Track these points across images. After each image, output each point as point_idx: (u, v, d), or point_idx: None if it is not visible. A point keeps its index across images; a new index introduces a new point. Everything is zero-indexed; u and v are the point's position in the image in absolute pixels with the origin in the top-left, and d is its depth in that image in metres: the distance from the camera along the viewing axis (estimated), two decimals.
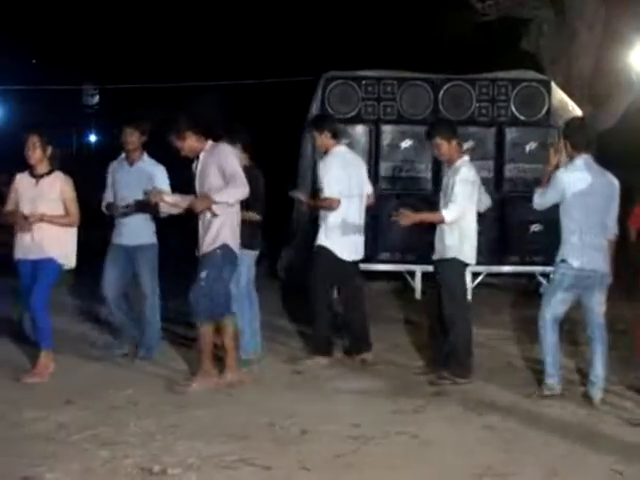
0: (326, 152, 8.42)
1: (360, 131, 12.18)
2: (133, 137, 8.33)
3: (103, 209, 8.53)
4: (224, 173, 7.31)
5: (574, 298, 7.29)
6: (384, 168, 12.11)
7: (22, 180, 7.82)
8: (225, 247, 7.42)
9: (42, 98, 27.97)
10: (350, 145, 11.99)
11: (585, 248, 7.14)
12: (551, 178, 7.21)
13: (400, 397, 7.36)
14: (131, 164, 8.38)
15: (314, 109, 12.35)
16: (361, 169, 8.52)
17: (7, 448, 6.01)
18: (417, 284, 11.85)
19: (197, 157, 7.53)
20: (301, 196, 9.08)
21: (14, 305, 8.94)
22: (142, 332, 8.47)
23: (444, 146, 7.86)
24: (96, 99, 34.52)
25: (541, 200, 7.26)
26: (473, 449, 6.17)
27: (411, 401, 7.24)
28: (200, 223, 7.52)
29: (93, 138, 39.06)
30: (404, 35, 20.90)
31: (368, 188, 8.54)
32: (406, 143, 12.12)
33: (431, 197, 10.58)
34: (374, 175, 11.64)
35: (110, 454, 5.93)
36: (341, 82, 12.39)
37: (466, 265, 7.92)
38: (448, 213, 7.70)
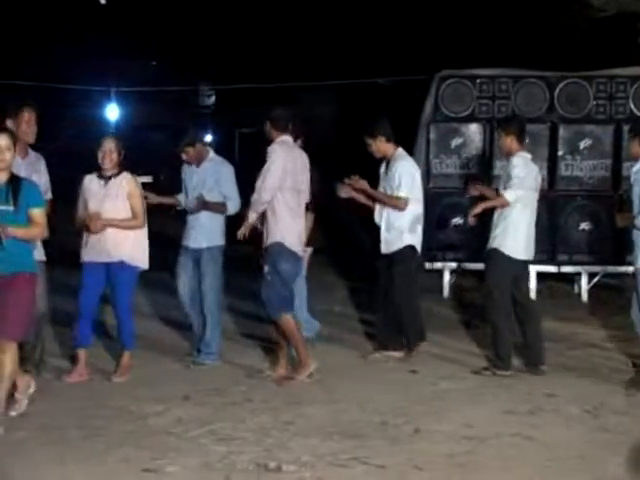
0: (384, 157, 8.51)
1: (474, 130, 12.11)
2: (189, 154, 8.37)
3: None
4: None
5: None
6: (499, 167, 11.99)
7: (91, 182, 7.80)
8: (280, 244, 7.66)
9: (160, 99, 28.54)
10: (464, 144, 12.06)
11: None
12: None
13: (512, 398, 7.32)
14: (197, 164, 8.41)
15: (427, 108, 12.34)
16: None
17: (129, 441, 6.19)
18: (532, 284, 11.69)
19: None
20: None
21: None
22: (204, 332, 8.37)
23: (502, 139, 8.11)
24: (212, 99, 35.02)
25: None
26: (589, 452, 6.09)
27: (524, 402, 7.19)
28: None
29: (209, 138, 39.66)
30: (519, 32, 20.64)
31: None
32: None
33: (548, 196, 10.47)
34: (488, 174, 11.57)
35: (227, 449, 6.06)
36: (455, 81, 12.33)
37: (511, 258, 7.91)
38: (508, 194, 7.86)
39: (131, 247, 7.71)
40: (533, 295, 11.39)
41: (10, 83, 23.29)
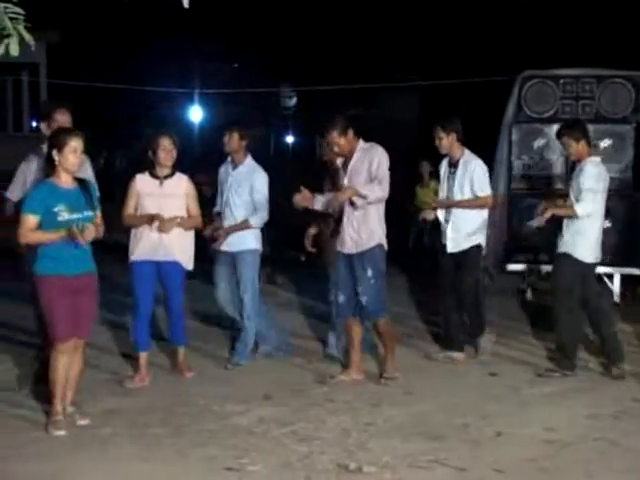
0: (449, 155, 8.48)
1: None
2: (233, 140, 8.25)
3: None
4: (373, 173, 7.51)
5: None
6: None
7: (143, 181, 7.69)
8: (381, 245, 7.64)
9: (242, 100, 28.79)
10: (546, 145, 11.94)
11: None
12: None
13: (595, 401, 7.24)
14: (234, 167, 8.33)
15: (510, 109, 12.24)
16: None
17: (212, 439, 6.28)
18: (615, 287, 11.55)
19: (347, 156, 7.68)
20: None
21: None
22: (238, 336, 8.38)
23: (572, 146, 7.99)
24: (294, 101, 35.22)
25: None
26: None
27: (608, 406, 7.10)
28: (345, 220, 7.65)
29: (290, 139, 39.85)
30: (603, 32, 20.38)
31: None
32: (605, 142, 11.82)
33: (633, 197, 10.32)
34: (569, 175, 11.44)
35: (307, 449, 6.11)
36: (538, 81, 12.22)
37: (580, 262, 7.89)
38: (581, 208, 7.79)
39: (184, 247, 7.70)
40: (616, 298, 11.27)
41: (94, 85, 23.74)
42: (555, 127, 11.89)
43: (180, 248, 7.67)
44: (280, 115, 35.78)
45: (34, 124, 27.19)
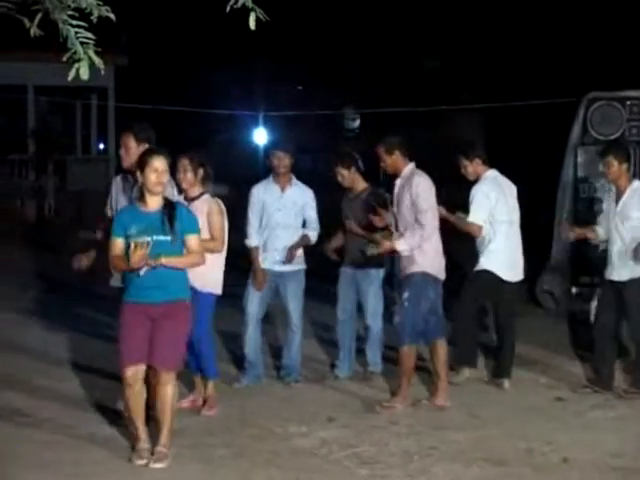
0: (477, 179, 8.35)
1: None
2: (284, 161, 8.16)
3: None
4: (414, 203, 7.56)
5: None
6: None
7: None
8: (424, 273, 7.57)
9: (306, 122, 28.93)
10: None
11: None
12: None
13: None
14: (282, 189, 8.24)
15: (575, 131, 12.15)
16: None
17: (274, 461, 6.27)
18: None
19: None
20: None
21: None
22: (287, 357, 8.37)
23: (614, 167, 7.98)
24: (357, 123, 35.29)
25: None
26: None
27: None
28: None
29: None
30: None
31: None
32: None
33: None
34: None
35: (370, 472, 6.09)
36: (604, 103, 12.11)
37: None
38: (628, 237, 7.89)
39: (203, 272, 6.91)
40: None
41: (161, 108, 24.05)
42: None
43: (206, 273, 7.03)
44: (343, 137, 35.86)
45: (101, 146, 27.66)
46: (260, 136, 33.38)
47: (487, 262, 8.22)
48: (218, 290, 7.45)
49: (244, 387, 8.10)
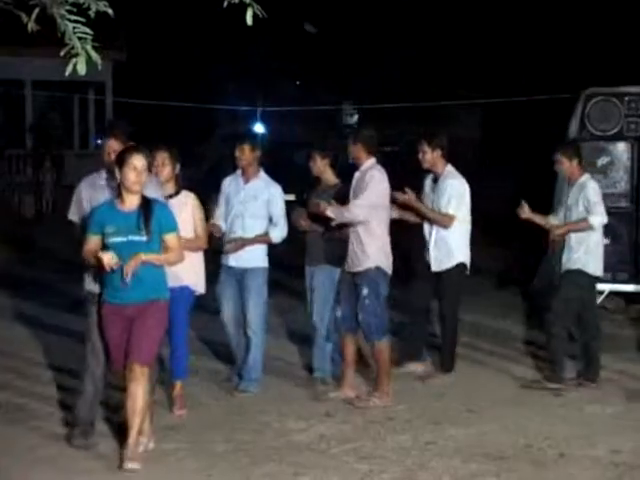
0: (431, 171, 8.37)
1: (622, 149, 11.85)
2: (246, 153, 7.87)
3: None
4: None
5: None
6: None
7: None
8: (378, 268, 7.56)
9: (304, 118, 28.91)
10: (610, 163, 11.80)
11: None
12: None
13: None
14: (246, 181, 7.96)
15: (573, 127, 12.13)
16: None
17: (273, 456, 6.29)
18: None
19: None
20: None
21: None
22: (246, 357, 7.87)
23: (565, 164, 8.26)
24: (355, 118, 35.26)
25: None
26: None
27: None
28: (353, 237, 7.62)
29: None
30: None
31: None
32: None
33: None
34: (636, 193, 11.32)
35: (368, 468, 6.10)
36: (602, 99, 12.09)
37: (596, 278, 8.17)
38: (596, 220, 8.02)
39: (193, 270, 7.05)
40: None
41: (159, 104, 24.03)
42: (619, 145, 11.86)
43: (190, 271, 7.00)
44: (341, 133, 35.87)
45: (99, 142, 27.62)
46: (258, 131, 33.39)
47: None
48: (200, 288, 7.33)
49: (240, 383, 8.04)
